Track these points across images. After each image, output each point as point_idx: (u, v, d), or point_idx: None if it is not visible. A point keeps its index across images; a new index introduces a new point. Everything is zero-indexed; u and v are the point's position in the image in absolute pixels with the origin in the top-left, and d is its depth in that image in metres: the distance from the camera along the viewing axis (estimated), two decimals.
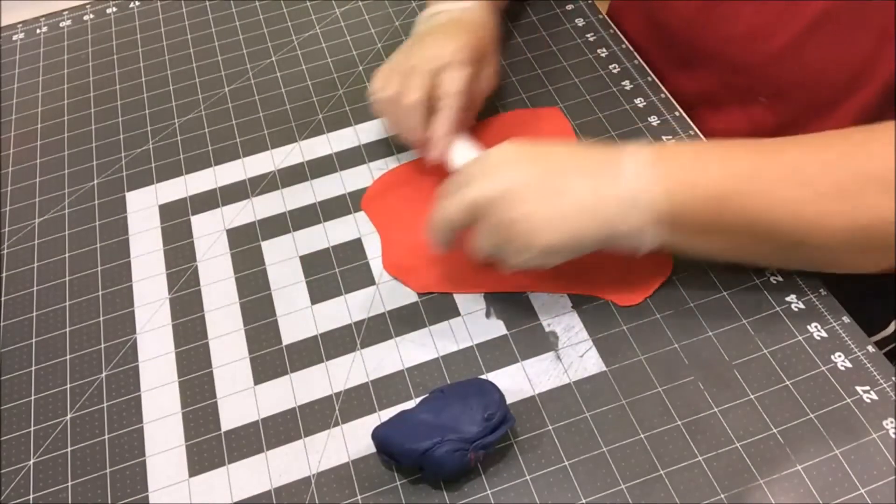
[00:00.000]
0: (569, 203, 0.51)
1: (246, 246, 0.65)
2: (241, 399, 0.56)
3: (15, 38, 0.86)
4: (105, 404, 0.57)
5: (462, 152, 0.63)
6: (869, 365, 0.53)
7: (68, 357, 0.59)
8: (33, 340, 0.61)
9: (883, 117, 0.58)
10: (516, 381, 0.55)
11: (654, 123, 0.69)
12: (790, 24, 0.62)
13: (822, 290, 0.57)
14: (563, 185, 0.52)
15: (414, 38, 0.67)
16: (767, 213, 0.50)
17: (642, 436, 0.52)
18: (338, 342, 0.58)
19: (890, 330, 0.69)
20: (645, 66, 0.73)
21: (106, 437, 0.55)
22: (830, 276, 0.58)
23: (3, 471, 0.54)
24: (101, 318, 0.61)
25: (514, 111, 0.72)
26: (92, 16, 0.87)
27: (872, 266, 0.53)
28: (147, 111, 0.76)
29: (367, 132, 0.72)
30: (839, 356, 0.54)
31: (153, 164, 0.72)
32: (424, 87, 0.61)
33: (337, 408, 0.55)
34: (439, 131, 0.62)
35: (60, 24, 0.87)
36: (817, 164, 0.50)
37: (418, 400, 0.54)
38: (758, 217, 0.50)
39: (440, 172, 0.67)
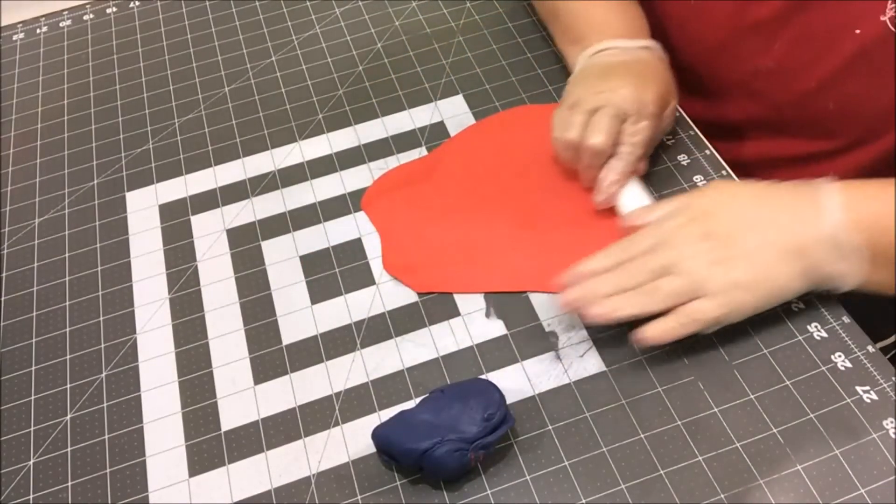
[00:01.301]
0: (752, 264, 0.52)
1: (246, 246, 0.65)
2: (241, 399, 0.56)
3: (15, 38, 0.86)
4: (105, 404, 0.57)
5: (632, 197, 0.61)
6: (869, 365, 0.53)
7: (68, 357, 0.59)
8: (33, 340, 0.61)
9: None
10: (516, 381, 0.55)
11: None
12: (824, 62, 0.61)
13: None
14: (742, 250, 0.52)
15: (592, 72, 0.64)
16: None
17: (642, 436, 0.52)
18: (338, 342, 0.58)
19: (890, 340, 0.69)
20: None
21: (106, 437, 0.55)
22: None
23: (3, 471, 0.54)
24: (101, 318, 0.61)
25: (518, 107, 0.71)
26: (92, 16, 0.87)
27: None
28: (147, 111, 0.76)
29: (367, 132, 0.72)
30: (839, 356, 0.54)
31: (153, 164, 0.72)
32: (611, 133, 0.59)
33: (337, 408, 0.55)
34: (612, 177, 0.60)
35: (60, 24, 0.87)
36: None
37: (418, 400, 0.54)
38: None
39: (440, 173, 0.67)
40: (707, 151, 0.66)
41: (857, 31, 0.58)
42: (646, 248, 0.54)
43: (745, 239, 0.52)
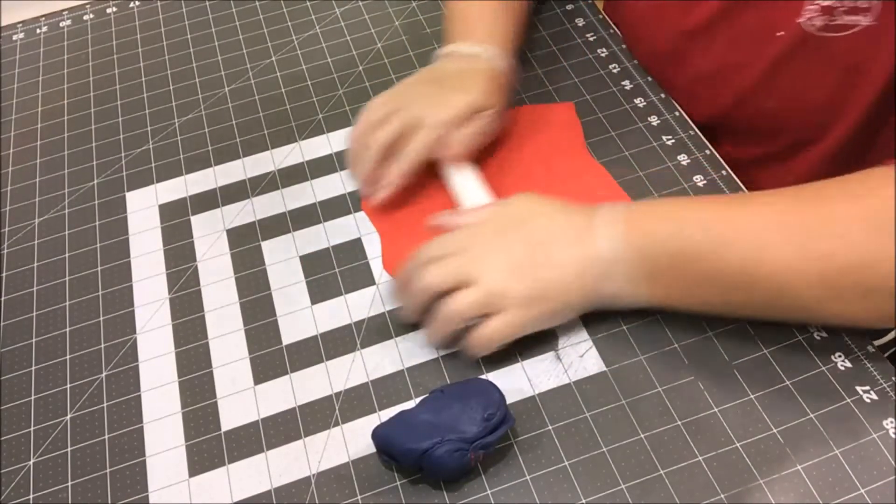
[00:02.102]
0: (554, 275, 0.53)
1: (246, 246, 0.65)
2: (241, 399, 0.56)
3: (15, 38, 0.86)
4: (105, 404, 0.57)
5: (470, 191, 0.63)
6: (869, 365, 0.53)
7: (68, 357, 0.59)
8: (33, 340, 0.61)
9: (854, 159, 0.59)
10: (516, 381, 0.55)
11: (654, 123, 0.69)
12: (754, 65, 0.63)
13: None
14: (546, 259, 0.53)
15: (421, 76, 0.67)
16: (740, 263, 0.49)
17: (642, 436, 0.52)
18: (338, 342, 0.58)
19: (889, 337, 0.69)
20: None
21: (106, 437, 0.55)
22: None
23: (3, 471, 0.54)
24: (101, 318, 0.61)
25: (519, 107, 0.71)
26: (92, 16, 0.87)
27: (866, 314, 0.50)
28: (147, 111, 0.76)
29: None
30: (839, 356, 0.54)
31: (153, 164, 0.72)
32: (394, 134, 0.62)
33: (337, 408, 0.55)
34: (388, 177, 0.63)
35: (60, 24, 0.87)
36: (790, 210, 0.50)
37: (418, 400, 0.54)
38: (733, 267, 0.50)
39: (437, 174, 0.67)
40: (707, 151, 0.66)
41: (779, 34, 0.59)
42: (452, 250, 0.55)
43: (547, 253, 0.53)
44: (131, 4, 0.88)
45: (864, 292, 0.47)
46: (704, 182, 0.64)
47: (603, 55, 0.75)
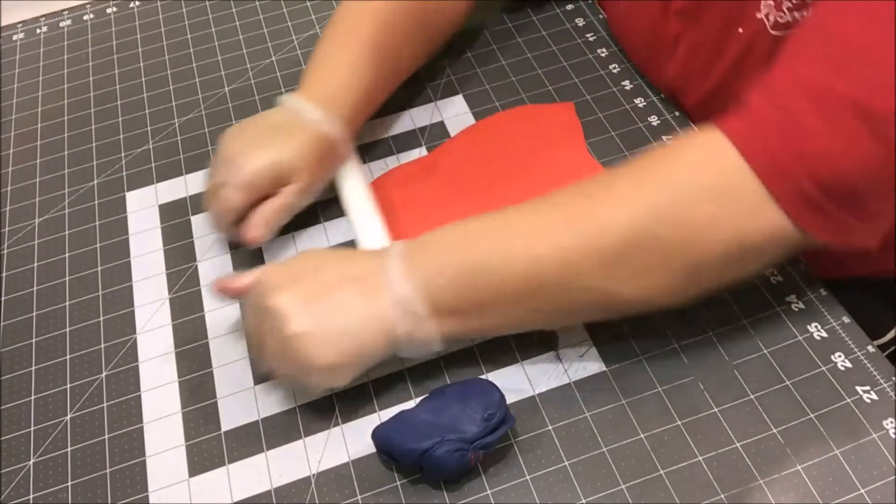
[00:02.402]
0: (343, 319, 0.50)
1: (246, 246, 0.65)
2: (241, 399, 0.56)
3: (15, 38, 0.86)
4: (105, 404, 0.57)
5: (358, 205, 0.63)
6: (869, 365, 0.53)
7: (68, 357, 0.59)
8: (33, 340, 0.61)
9: None
10: (516, 381, 0.55)
11: (654, 123, 0.69)
12: (717, 63, 0.63)
13: (822, 290, 0.57)
14: (334, 302, 0.50)
15: (259, 117, 0.64)
16: (522, 262, 0.49)
17: (642, 436, 0.52)
18: None
19: (889, 336, 0.69)
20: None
21: (106, 437, 0.55)
22: (830, 278, 0.58)
23: (3, 471, 0.54)
24: (101, 318, 0.61)
25: (519, 107, 0.71)
26: (92, 16, 0.87)
27: (649, 291, 0.50)
28: (147, 111, 0.76)
29: (367, 132, 0.71)
30: (839, 356, 0.54)
31: (153, 164, 0.72)
32: (210, 198, 0.61)
33: (337, 408, 0.55)
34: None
35: (60, 24, 0.87)
36: (566, 200, 0.50)
37: (418, 400, 0.54)
38: (515, 267, 0.49)
39: (440, 173, 0.67)
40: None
41: (740, 31, 0.60)
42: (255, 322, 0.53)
43: (332, 313, 0.50)
44: (131, 4, 0.88)
45: (637, 268, 0.48)
46: None
47: (603, 55, 0.75)
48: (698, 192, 0.47)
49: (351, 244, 0.64)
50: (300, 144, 0.61)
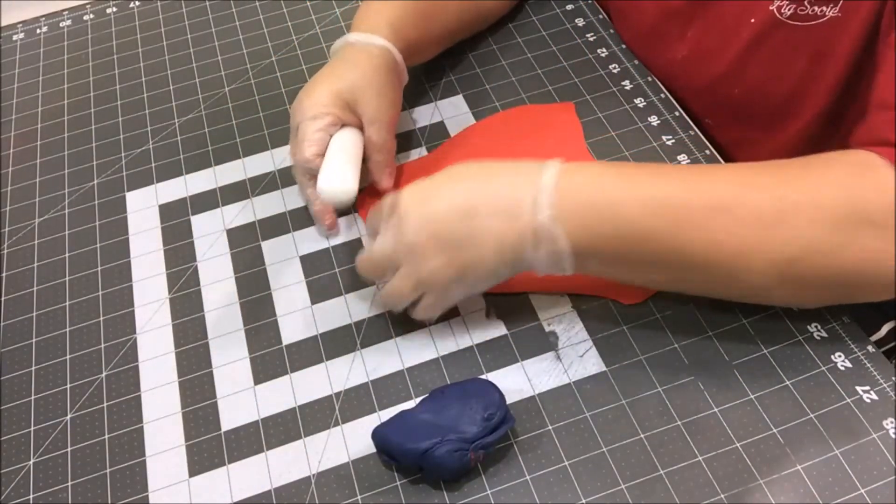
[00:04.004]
0: (476, 254, 0.51)
1: (246, 246, 0.65)
2: (241, 399, 0.56)
3: (15, 38, 0.86)
4: (105, 404, 0.57)
5: (333, 159, 0.62)
6: (869, 365, 0.53)
7: (68, 357, 0.59)
8: (33, 340, 0.61)
9: (824, 142, 0.60)
10: (516, 381, 0.55)
11: (654, 123, 0.69)
12: (726, 50, 0.64)
13: None
14: (469, 235, 0.51)
15: (326, 65, 0.66)
16: (682, 243, 0.49)
17: (642, 436, 0.52)
18: (338, 342, 0.58)
19: (882, 333, 0.70)
20: (645, 66, 0.73)
21: (106, 437, 0.55)
22: None
23: (3, 471, 0.54)
24: (101, 318, 0.61)
25: (519, 107, 0.71)
26: (92, 16, 0.87)
27: (814, 301, 0.53)
28: (147, 111, 0.76)
29: None
30: (839, 356, 0.54)
31: (153, 164, 0.72)
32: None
33: (337, 408, 0.55)
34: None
35: (60, 24, 0.87)
36: (740, 190, 0.49)
37: (418, 400, 0.54)
38: (672, 247, 0.49)
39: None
40: (707, 151, 0.66)
41: (752, 21, 0.60)
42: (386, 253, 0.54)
43: (470, 227, 0.51)
44: (131, 4, 0.88)
45: (818, 283, 0.49)
46: None
47: (603, 55, 0.75)
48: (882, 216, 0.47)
49: (351, 244, 0.64)
50: (363, 70, 0.63)
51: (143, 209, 0.68)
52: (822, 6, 0.56)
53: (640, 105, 0.70)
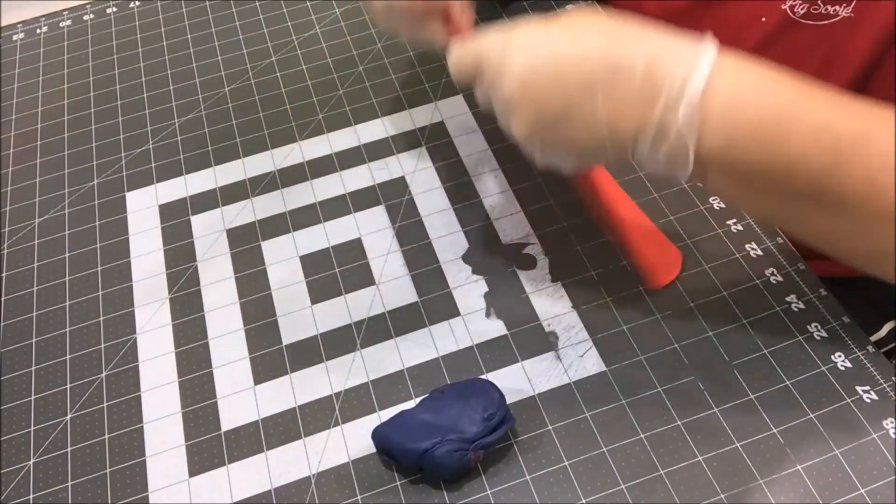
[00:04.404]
0: (585, 131, 0.44)
1: (246, 246, 0.65)
2: (241, 399, 0.56)
3: (15, 38, 0.86)
4: (105, 404, 0.57)
5: None
6: (869, 365, 0.53)
7: (68, 357, 0.59)
8: (33, 340, 0.61)
9: None
10: (516, 381, 0.55)
11: None
12: (739, 48, 0.63)
13: (822, 290, 0.57)
14: (581, 109, 0.43)
15: None
16: (849, 186, 0.41)
17: (642, 436, 0.52)
18: (338, 342, 0.58)
19: (882, 333, 0.70)
20: None
21: (106, 437, 0.55)
22: (827, 277, 0.58)
23: (3, 471, 0.54)
24: (101, 318, 0.61)
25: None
26: (92, 16, 0.87)
27: None
28: (147, 111, 0.76)
29: (367, 132, 0.72)
30: (839, 356, 0.54)
31: (153, 164, 0.72)
32: None
33: (337, 408, 0.55)
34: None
35: (60, 24, 0.87)
36: None
37: (418, 400, 0.54)
38: (835, 188, 0.41)
39: None
40: None
41: (763, 20, 0.60)
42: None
43: (560, 107, 0.44)
44: (131, 4, 0.88)
45: None
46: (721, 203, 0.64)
47: None
48: None
49: (351, 244, 0.64)
50: None
51: (143, 209, 0.68)
52: (835, 6, 0.56)
53: None
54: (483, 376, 0.55)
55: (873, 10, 0.54)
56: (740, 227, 0.61)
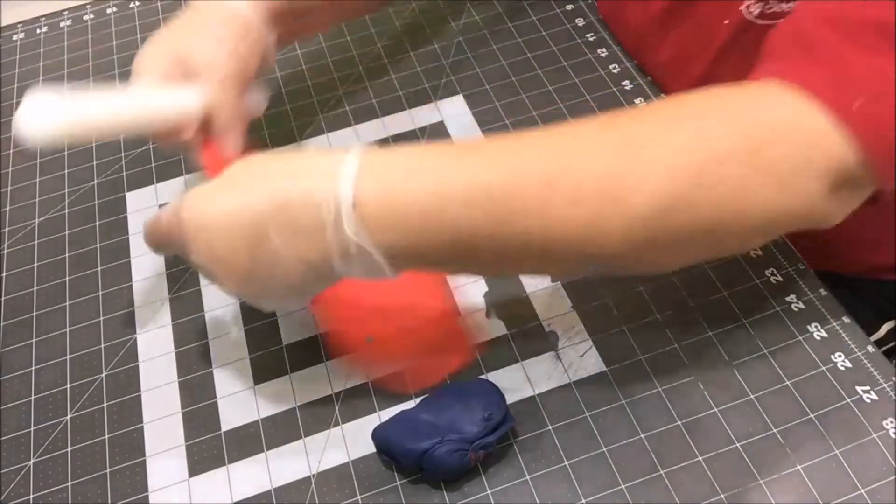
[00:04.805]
0: (276, 277, 0.44)
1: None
2: (241, 399, 0.56)
3: (15, 38, 0.86)
4: (105, 404, 0.57)
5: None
6: (869, 365, 0.53)
7: (68, 357, 0.59)
8: (33, 340, 0.61)
9: None
10: (516, 381, 0.55)
11: None
12: (704, 52, 0.64)
13: (822, 290, 0.57)
14: (263, 256, 0.43)
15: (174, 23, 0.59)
16: (518, 232, 0.42)
17: (642, 436, 0.52)
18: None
19: (881, 333, 0.70)
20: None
21: (106, 437, 0.55)
22: (828, 277, 0.58)
23: (3, 471, 0.54)
24: (101, 318, 0.61)
25: None
26: (92, 16, 0.87)
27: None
28: None
29: (366, 132, 0.72)
30: (839, 356, 0.54)
31: (153, 164, 0.72)
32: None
33: (337, 408, 0.55)
34: None
35: (60, 24, 0.87)
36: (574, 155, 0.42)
37: (418, 400, 0.54)
38: (508, 239, 0.42)
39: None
40: None
41: (726, 22, 0.61)
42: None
43: (245, 260, 0.44)
44: (131, 4, 0.88)
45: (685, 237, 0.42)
46: None
47: (603, 55, 0.75)
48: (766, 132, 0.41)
49: None
50: (209, 33, 0.56)
51: (143, 209, 0.68)
52: (786, 2, 0.56)
53: (640, 105, 0.70)
54: (483, 376, 0.55)
55: None
56: None
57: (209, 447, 0.54)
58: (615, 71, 0.73)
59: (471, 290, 0.60)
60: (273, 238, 0.43)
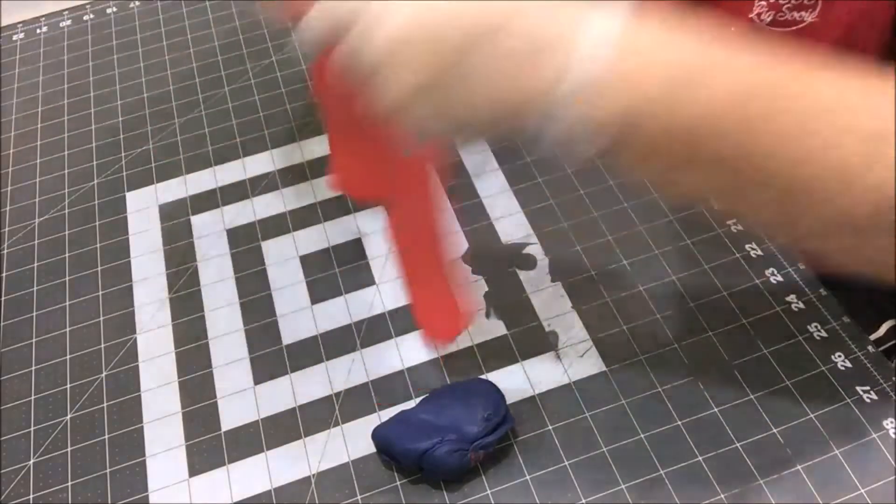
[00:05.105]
0: (482, 90, 0.37)
1: (246, 246, 0.65)
2: (241, 399, 0.56)
3: (15, 38, 0.86)
4: (105, 404, 0.57)
5: None
6: (869, 365, 0.53)
7: (68, 357, 0.59)
8: (33, 340, 0.61)
9: None
10: (516, 381, 0.55)
11: None
12: None
13: (822, 290, 0.57)
14: (482, 58, 0.36)
15: None
16: (772, 148, 0.36)
17: (642, 436, 0.52)
18: (338, 342, 0.58)
19: (881, 332, 0.70)
20: None
21: (106, 437, 0.55)
22: (828, 277, 0.58)
23: (3, 471, 0.54)
24: (101, 318, 0.61)
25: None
26: (92, 16, 0.87)
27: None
28: (147, 111, 0.76)
29: None
30: (839, 356, 0.54)
31: (153, 164, 0.72)
32: None
33: (337, 408, 0.55)
34: None
35: (60, 24, 0.87)
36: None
37: (418, 400, 0.54)
38: (760, 149, 0.37)
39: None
40: None
41: (733, 30, 0.61)
42: None
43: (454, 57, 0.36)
44: (131, 4, 0.88)
45: None
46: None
47: None
48: None
49: (351, 244, 0.64)
50: None
51: (143, 209, 0.68)
52: (801, 11, 0.56)
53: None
54: (483, 376, 0.55)
55: (836, 15, 0.55)
56: (740, 227, 0.61)
57: (209, 447, 0.54)
58: None
59: (471, 290, 0.60)
60: (500, 42, 0.36)
